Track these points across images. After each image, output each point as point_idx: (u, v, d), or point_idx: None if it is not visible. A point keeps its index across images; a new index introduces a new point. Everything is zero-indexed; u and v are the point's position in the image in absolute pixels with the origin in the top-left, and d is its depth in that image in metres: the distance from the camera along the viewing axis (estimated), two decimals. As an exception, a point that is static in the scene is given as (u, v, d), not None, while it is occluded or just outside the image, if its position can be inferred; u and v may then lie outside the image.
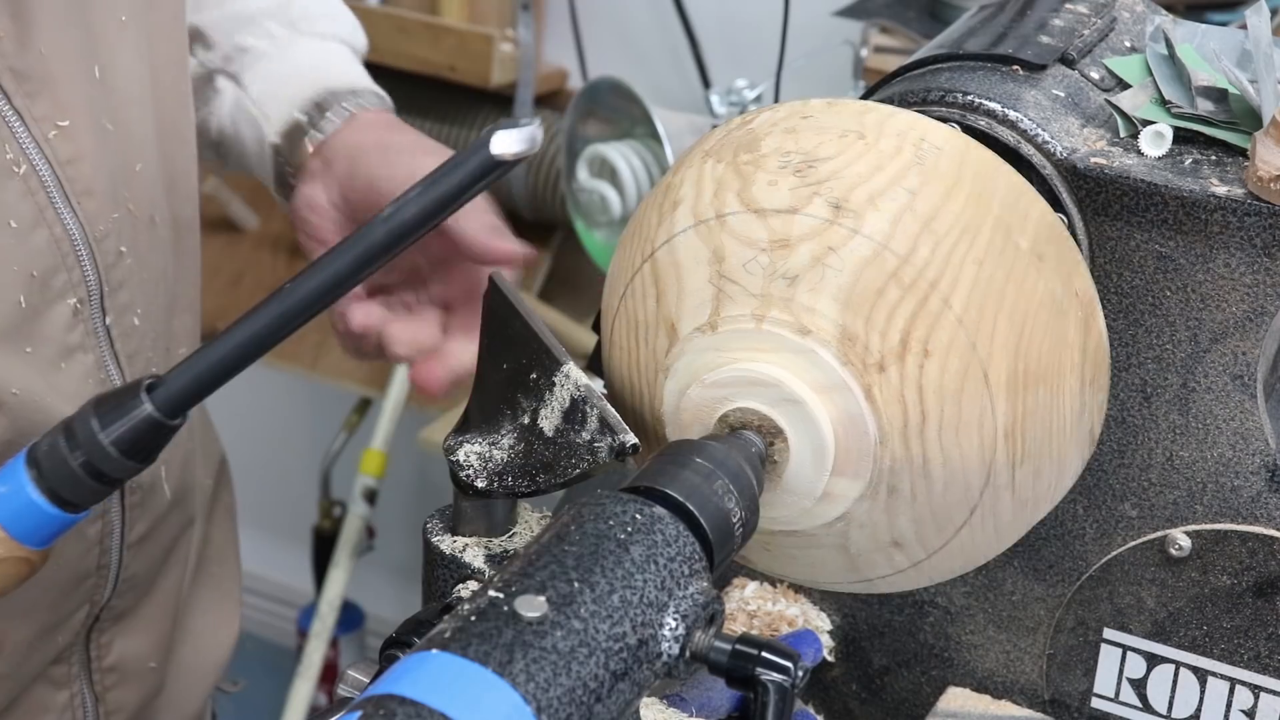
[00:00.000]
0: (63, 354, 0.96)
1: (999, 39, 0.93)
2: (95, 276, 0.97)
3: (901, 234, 0.75)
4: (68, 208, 0.94)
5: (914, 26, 1.90)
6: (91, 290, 0.97)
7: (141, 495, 1.05)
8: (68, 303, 0.95)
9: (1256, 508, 0.89)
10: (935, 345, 0.75)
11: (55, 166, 0.94)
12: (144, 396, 0.75)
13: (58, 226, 0.94)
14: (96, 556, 1.03)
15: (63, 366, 0.96)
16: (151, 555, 1.09)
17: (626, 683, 0.65)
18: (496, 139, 0.69)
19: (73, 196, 0.95)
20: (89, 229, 0.96)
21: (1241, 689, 0.92)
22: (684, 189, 0.80)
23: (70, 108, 0.94)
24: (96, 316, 0.98)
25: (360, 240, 0.72)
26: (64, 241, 0.95)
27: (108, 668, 1.10)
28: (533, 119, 0.70)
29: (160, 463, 1.06)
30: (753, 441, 0.77)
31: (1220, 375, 0.87)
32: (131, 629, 1.10)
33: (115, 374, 0.99)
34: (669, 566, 0.68)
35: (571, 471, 0.76)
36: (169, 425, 0.76)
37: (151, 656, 1.13)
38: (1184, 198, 0.85)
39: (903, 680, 1.03)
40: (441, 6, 2.23)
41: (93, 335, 0.98)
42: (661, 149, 1.97)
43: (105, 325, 0.98)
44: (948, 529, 0.79)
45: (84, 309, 0.97)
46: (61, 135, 0.94)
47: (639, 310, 0.81)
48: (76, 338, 0.96)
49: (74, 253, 0.95)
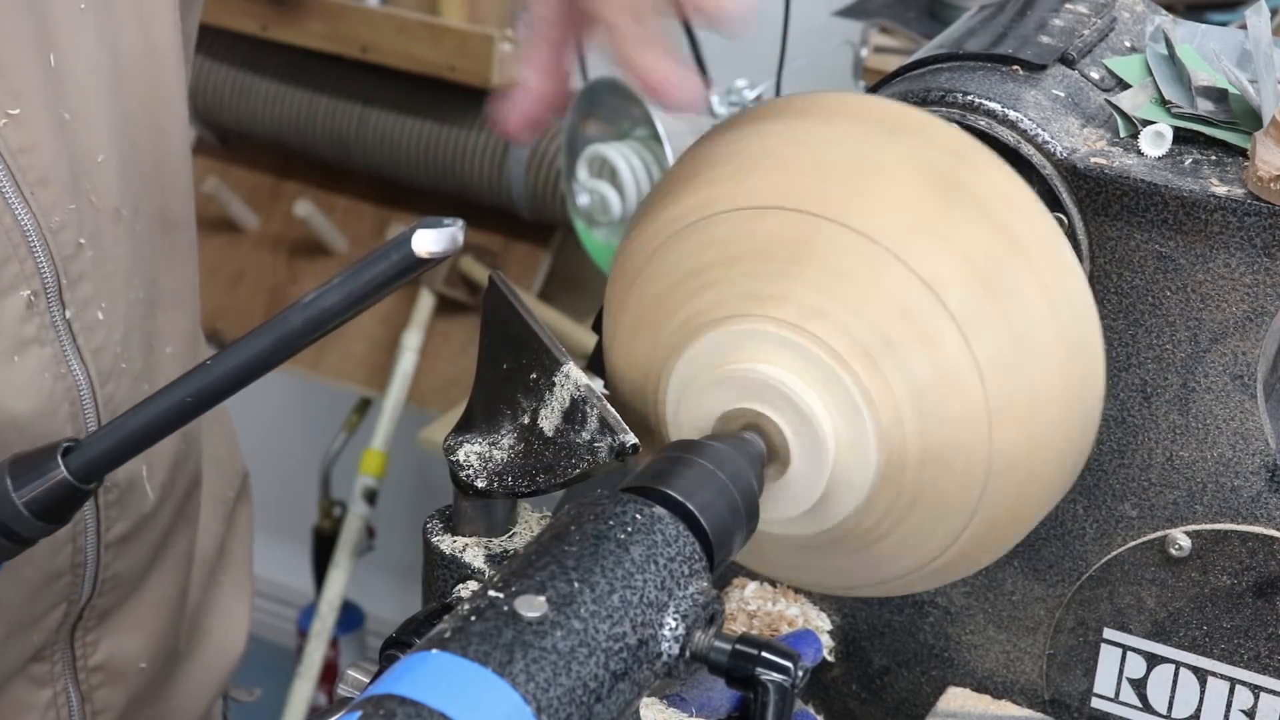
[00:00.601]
0: (16, 347, 0.94)
1: (999, 39, 0.93)
2: (51, 268, 0.95)
3: (899, 232, 0.75)
4: (19, 198, 0.92)
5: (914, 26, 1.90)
6: (47, 282, 0.95)
7: (119, 494, 1.04)
8: (20, 294, 0.94)
9: (1256, 508, 0.89)
10: (933, 343, 0.75)
11: (5, 156, 0.92)
12: (59, 460, 0.76)
13: (7, 216, 0.92)
14: (70, 555, 1.02)
15: (15, 360, 0.94)
16: (137, 555, 1.08)
17: (626, 683, 0.65)
18: (418, 238, 0.71)
19: (25, 186, 0.93)
20: (43, 220, 0.93)
21: (1241, 689, 0.92)
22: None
23: (22, 95, 0.92)
24: (55, 309, 0.96)
25: (278, 326, 0.74)
26: (14, 232, 0.92)
27: (94, 667, 1.09)
28: (456, 220, 0.71)
29: (141, 462, 1.05)
30: (753, 442, 0.77)
31: (1220, 375, 0.87)
32: (120, 628, 1.10)
33: (78, 368, 0.98)
34: (669, 566, 0.68)
35: (571, 471, 0.76)
36: (83, 490, 0.77)
37: (141, 657, 1.12)
38: (1184, 198, 0.85)
39: (903, 680, 1.03)
40: (441, 6, 2.23)
41: (50, 329, 0.96)
42: (661, 149, 1.97)
43: (65, 319, 0.96)
44: (950, 530, 0.79)
45: (39, 301, 0.95)
46: (12, 124, 0.92)
47: (639, 310, 0.81)
48: (31, 330, 0.95)
49: (25, 244, 0.93)
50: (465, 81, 2.21)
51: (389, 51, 2.22)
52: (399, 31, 2.21)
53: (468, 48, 2.19)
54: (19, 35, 0.93)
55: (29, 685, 1.06)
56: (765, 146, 0.79)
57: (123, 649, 1.11)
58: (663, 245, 0.80)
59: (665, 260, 0.80)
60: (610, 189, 2.03)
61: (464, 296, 2.37)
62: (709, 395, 0.78)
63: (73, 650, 1.07)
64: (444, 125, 2.31)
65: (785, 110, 0.82)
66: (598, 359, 0.88)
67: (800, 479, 0.77)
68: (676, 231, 0.79)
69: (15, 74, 0.92)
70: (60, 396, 0.96)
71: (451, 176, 2.34)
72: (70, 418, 0.97)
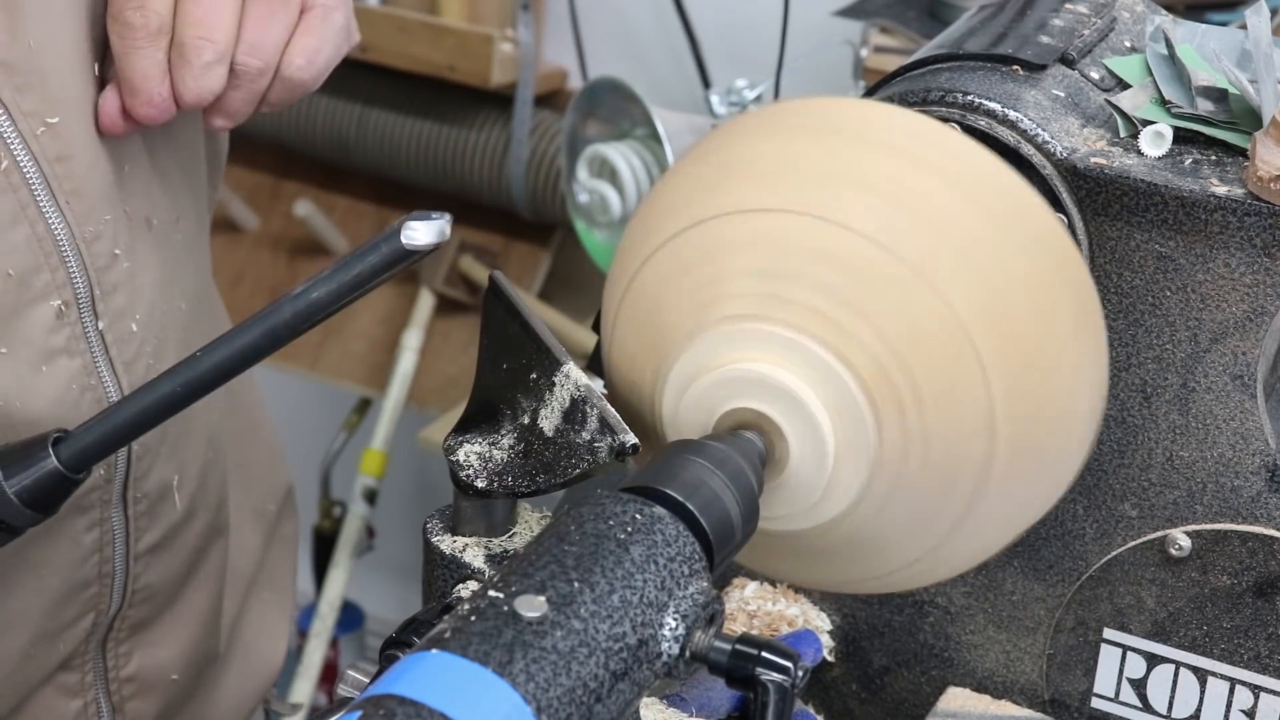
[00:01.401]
0: (44, 357, 0.94)
1: (999, 39, 0.93)
2: (84, 279, 0.95)
3: (894, 230, 0.75)
4: (53, 206, 0.92)
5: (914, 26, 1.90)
6: (80, 293, 0.95)
7: (148, 504, 1.04)
8: (51, 304, 0.93)
9: (1256, 508, 0.89)
10: (931, 341, 0.75)
11: (42, 164, 0.92)
12: (50, 450, 0.77)
13: (40, 224, 0.92)
14: (96, 565, 1.02)
15: (44, 370, 0.94)
16: (170, 566, 1.07)
17: (626, 683, 0.65)
18: (407, 230, 0.73)
19: (60, 195, 0.92)
20: (77, 229, 0.93)
21: (1241, 689, 0.92)
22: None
23: (61, 104, 0.92)
24: (87, 320, 0.96)
25: (268, 317, 0.75)
26: (46, 240, 0.92)
27: (126, 678, 1.08)
28: (443, 214, 0.72)
29: (173, 472, 1.05)
30: (753, 441, 0.77)
31: (1220, 375, 0.87)
32: (153, 640, 1.09)
33: (110, 380, 0.97)
34: (669, 566, 0.68)
35: (571, 471, 0.76)
36: (72, 479, 0.78)
37: (174, 669, 1.11)
38: (1184, 198, 0.85)
39: (903, 680, 1.03)
40: (441, 6, 2.23)
41: (81, 339, 0.95)
42: (661, 149, 1.97)
43: (98, 330, 0.96)
44: (947, 525, 0.79)
45: (70, 311, 0.94)
46: (50, 132, 0.92)
47: (639, 310, 0.81)
48: (61, 341, 0.94)
49: (58, 252, 0.93)
50: (465, 81, 2.21)
51: (389, 51, 2.22)
52: (399, 31, 2.21)
53: (467, 48, 2.19)
54: (61, 42, 0.92)
55: (59, 695, 1.05)
56: (768, 148, 0.79)
57: (155, 660, 1.10)
58: (663, 245, 0.80)
59: (665, 260, 0.80)
60: (610, 189, 2.03)
61: (464, 296, 2.37)
62: (709, 395, 0.78)
63: (104, 661, 1.07)
64: (444, 125, 2.31)
65: (786, 111, 0.82)
66: (598, 359, 0.88)
67: (800, 478, 0.77)
68: (677, 231, 0.79)
69: (55, 82, 0.92)
70: (88, 408, 0.96)
71: (451, 176, 2.34)
72: None
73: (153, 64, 0.91)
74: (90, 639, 1.05)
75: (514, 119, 2.26)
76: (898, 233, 0.75)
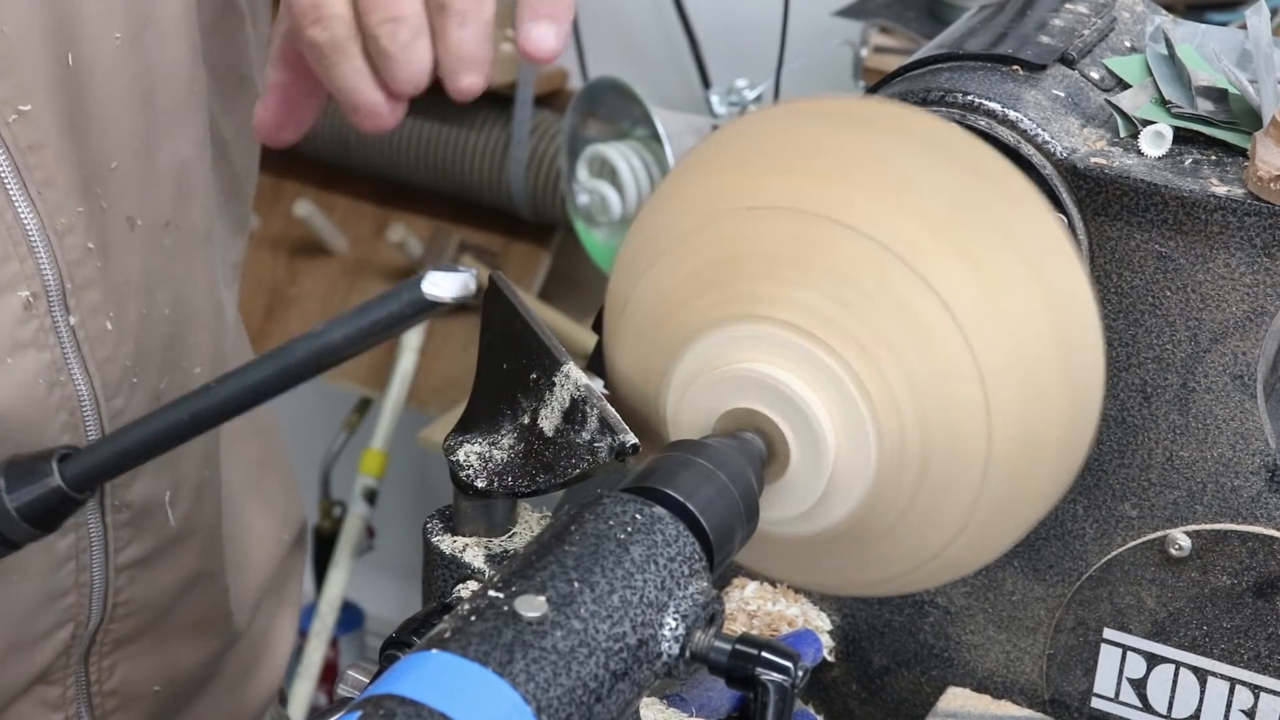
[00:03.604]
0: (10, 349, 0.92)
1: (999, 39, 0.93)
2: (55, 271, 0.93)
3: (894, 229, 0.75)
4: (24, 196, 0.90)
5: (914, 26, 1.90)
6: (49, 285, 0.93)
7: (131, 515, 1.01)
8: (18, 295, 0.91)
9: (1256, 508, 0.89)
10: (935, 346, 0.75)
11: (14, 152, 0.90)
12: (54, 467, 0.76)
13: (9, 213, 0.90)
14: (73, 573, 0.99)
15: (9, 362, 0.92)
16: (158, 582, 1.05)
17: (626, 683, 0.65)
18: (429, 281, 0.71)
19: (31, 185, 0.91)
20: (48, 220, 0.92)
21: (1241, 689, 0.92)
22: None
23: (33, 93, 0.90)
24: (58, 313, 0.93)
25: (283, 355, 0.74)
26: (15, 230, 0.91)
27: (109, 691, 1.06)
28: (470, 268, 0.71)
29: (166, 487, 1.03)
30: (753, 441, 0.77)
31: (1220, 375, 0.87)
32: (138, 654, 1.07)
33: (80, 378, 0.95)
34: (669, 566, 0.68)
35: (571, 471, 0.76)
36: (75, 499, 0.76)
37: (155, 680, 1.09)
38: (1184, 198, 0.85)
39: (903, 680, 1.03)
40: (441, 6, 2.23)
41: (50, 333, 0.93)
42: (661, 149, 1.97)
43: (69, 325, 0.94)
44: (948, 530, 0.79)
45: (38, 303, 0.92)
46: (22, 120, 0.90)
47: (640, 309, 0.81)
48: (27, 334, 0.92)
49: (26, 243, 0.91)
50: (465, 81, 2.21)
51: (389, 51, 2.22)
52: (399, 31, 2.21)
53: (467, 48, 2.19)
54: (31, 30, 0.90)
55: (39, 708, 1.03)
56: (769, 148, 0.79)
57: (137, 674, 1.08)
58: (664, 245, 0.80)
59: (666, 260, 0.80)
60: (610, 189, 2.03)
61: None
62: (709, 395, 0.78)
63: (87, 675, 1.05)
64: (444, 125, 2.31)
65: (787, 112, 0.82)
66: (598, 359, 0.88)
67: (800, 479, 0.77)
68: (679, 231, 0.79)
69: (28, 69, 0.90)
70: (56, 405, 0.94)
71: (451, 176, 2.34)
72: (68, 427, 0.95)
73: (354, 74, 0.81)
74: (71, 651, 1.02)
75: (514, 119, 2.26)
76: (908, 240, 0.75)
